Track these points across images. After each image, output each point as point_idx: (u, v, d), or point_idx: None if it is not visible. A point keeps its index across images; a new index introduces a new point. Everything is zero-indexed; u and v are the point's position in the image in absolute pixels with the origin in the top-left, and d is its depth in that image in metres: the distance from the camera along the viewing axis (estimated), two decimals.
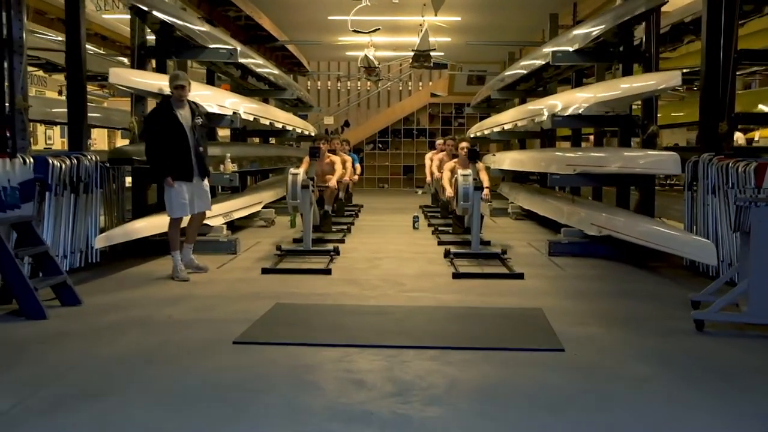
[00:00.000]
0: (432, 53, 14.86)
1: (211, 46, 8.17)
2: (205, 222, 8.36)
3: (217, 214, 8.82)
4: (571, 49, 8.04)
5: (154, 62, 8.52)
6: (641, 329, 4.75)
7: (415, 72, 20.88)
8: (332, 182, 8.59)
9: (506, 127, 11.78)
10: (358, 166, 12.58)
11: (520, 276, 6.58)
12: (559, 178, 7.98)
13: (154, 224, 7.36)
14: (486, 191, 7.45)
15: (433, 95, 22.18)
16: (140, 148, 6.91)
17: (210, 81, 11.13)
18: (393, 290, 6.03)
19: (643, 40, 7.69)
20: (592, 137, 13.44)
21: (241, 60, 10.15)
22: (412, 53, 14.97)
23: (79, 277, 6.33)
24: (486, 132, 13.85)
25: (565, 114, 7.91)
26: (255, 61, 11.05)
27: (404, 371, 3.79)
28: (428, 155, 12.50)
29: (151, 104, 7.60)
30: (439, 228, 9.60)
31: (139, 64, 7.78)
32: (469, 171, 7.29)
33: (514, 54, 18.16)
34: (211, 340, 4.41)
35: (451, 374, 3.77)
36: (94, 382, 3.68)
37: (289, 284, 6.28)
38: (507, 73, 13.51)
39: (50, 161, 6.33)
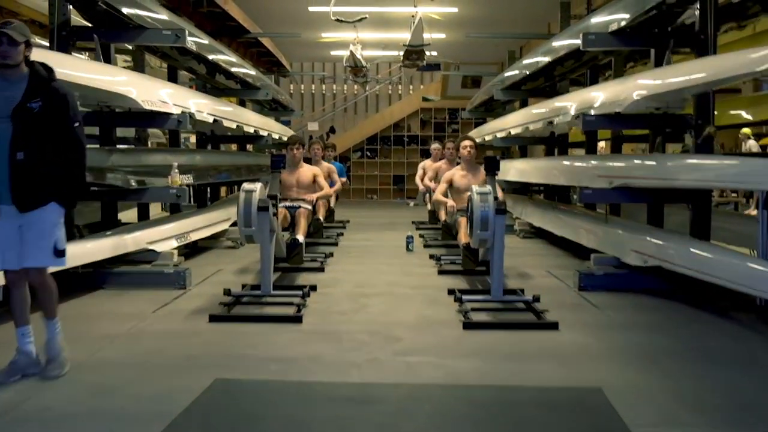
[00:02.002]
0: (426, 50, 13.31)
1: (153, 27, 6.51)
2: (150, 247, 6.72)
3: (169, 237, 7.17)
4: (606, 31, 6.40)
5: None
6: None
7: (406, 73, 19.26)
8: (310, 196, 6.66)
9: (513, 131, 10.15)
10: (344, 180, 10.93)
11: (554, 326, 4.92)
12: (591, 194, 6.36)
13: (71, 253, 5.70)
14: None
15: (425, 99, 20.54)
16: None
17: (172, 78, 9.53)
18: (384, 351, 4.36)
19: (697, 17, 6.07)
20: (602, 144, 11.96)
21: (208, 54, 8.55)
22: (402, 51, 13.45)
23: None
24: (487, 138, 12.21)
25: (599, 112, 6.28)
26: (224, 57, 9.40)
27: None
28: (422, 164, 10.89)
29: None
30: (442, 258, 7.84)
31: (60, 47, 6.10)
32: (487, 187, 5.56)
33: (515, 53, 16.63)
34: None
35: None
36: None
37: (243, 340, 4.60)
38: (507, 74, 11.93)
39: None
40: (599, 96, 6.47)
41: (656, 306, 5.66)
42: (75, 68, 5.32)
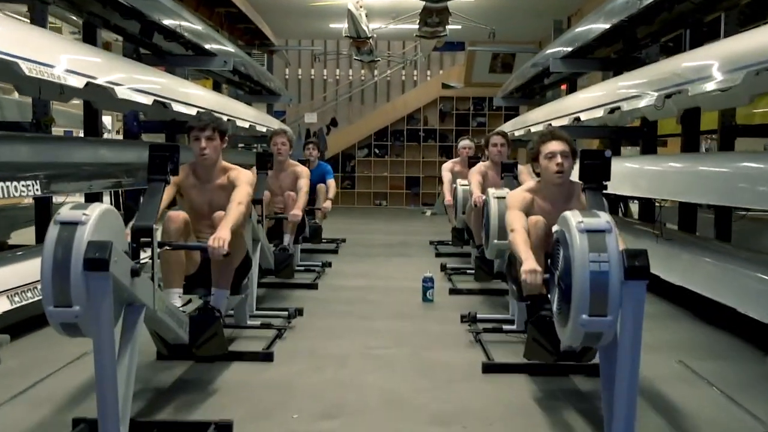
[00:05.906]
0: (450, 11, 10.02)
1: None
2: None
3: None
4: None
5: None
6: None
7: (423, 51, 15.80)
8: (218, 240, 3.22)
9: (585, 116, 6.74)
10: (332, 182, 7.56)
11: None
12: None
13: None
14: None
15: (445, 86, 17.16)
16: None
17: (90, 39, 6.42)
18: None
19: None
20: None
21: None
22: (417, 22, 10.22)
23: None
24: (534, 129, 8.78)
25: None
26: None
27: None
28: (447, 167, 7.56)
29: None
30: (483, 326, 4.41)
31: None
32: (602, 218, 2.04)
33: (561, 23, 13.26)
34: None
35: None
36: None
37: None
38: (558, 43, 8.62)
39: None
40: None
41: None
42: None
